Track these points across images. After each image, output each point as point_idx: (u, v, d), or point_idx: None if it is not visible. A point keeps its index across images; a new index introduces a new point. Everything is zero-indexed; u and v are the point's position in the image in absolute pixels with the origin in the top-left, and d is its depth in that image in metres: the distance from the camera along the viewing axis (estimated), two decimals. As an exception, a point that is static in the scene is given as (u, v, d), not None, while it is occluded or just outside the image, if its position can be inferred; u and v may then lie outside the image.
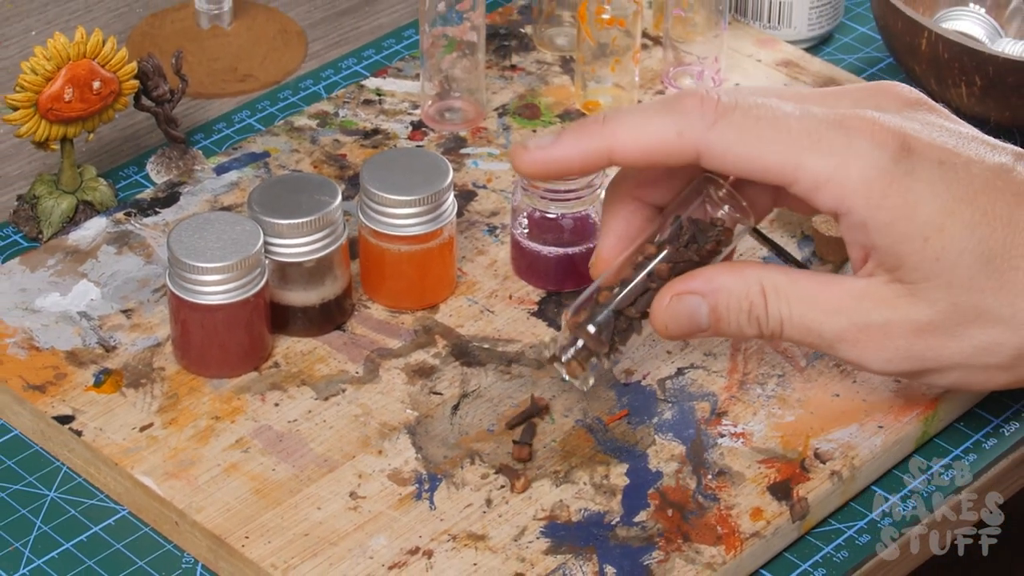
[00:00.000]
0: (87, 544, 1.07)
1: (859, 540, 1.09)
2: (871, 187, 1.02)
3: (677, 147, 1.04)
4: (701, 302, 1.07)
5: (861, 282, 1.05)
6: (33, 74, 1.20)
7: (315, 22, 1.44)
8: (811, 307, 1.06)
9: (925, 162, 1.03)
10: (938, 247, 1.02)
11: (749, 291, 1.06)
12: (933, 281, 1.03)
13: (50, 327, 1.17)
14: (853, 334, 1.05)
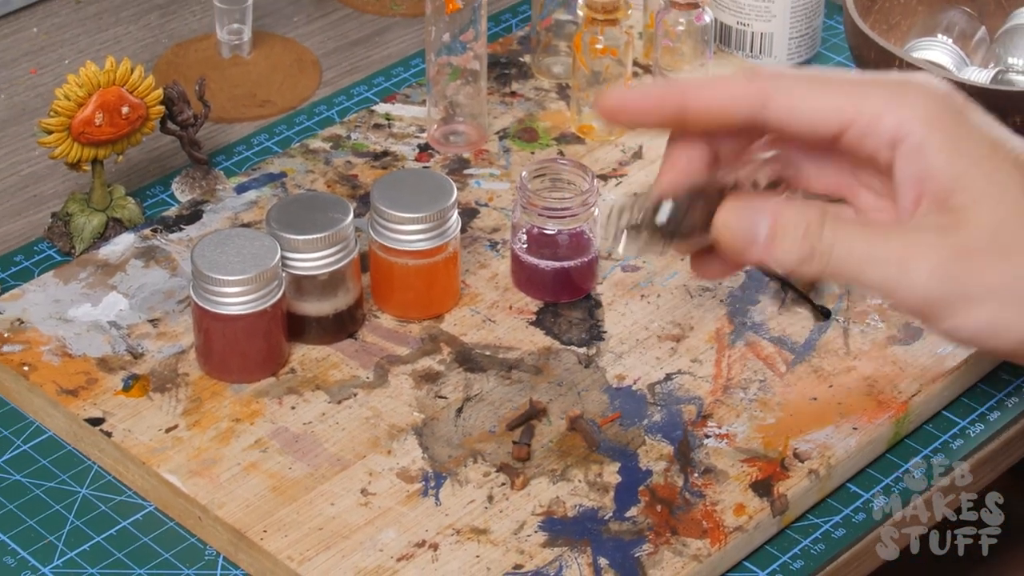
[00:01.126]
0: (116, 537, 1.08)
1: (835, 534, 1.09)
2: (928, 111, 1.00)
3: (744, 95, 1.02)
4: (764, 216, 1.02)
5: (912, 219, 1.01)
6: (66, 100, 1.20)
7: (329, 52, 1.44)
8: (862, 234, 1.01)
9: (974, 112, 1.01)
10: (990, 167, 1.00)
11: (809, 214, 1.01)
12: (983, 202, 0.99)
13: (82, 336, 1.17)
14: (902, 253, 1.00)
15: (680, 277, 1.21)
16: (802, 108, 1.02)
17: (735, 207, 1.03)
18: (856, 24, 1.31)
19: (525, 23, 1.44)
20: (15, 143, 1.35)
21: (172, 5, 1.48)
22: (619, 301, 1.20)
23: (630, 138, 1.31)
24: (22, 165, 1.33)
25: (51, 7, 1.47)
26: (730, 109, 1.03)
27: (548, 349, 1.17)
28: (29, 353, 1.15)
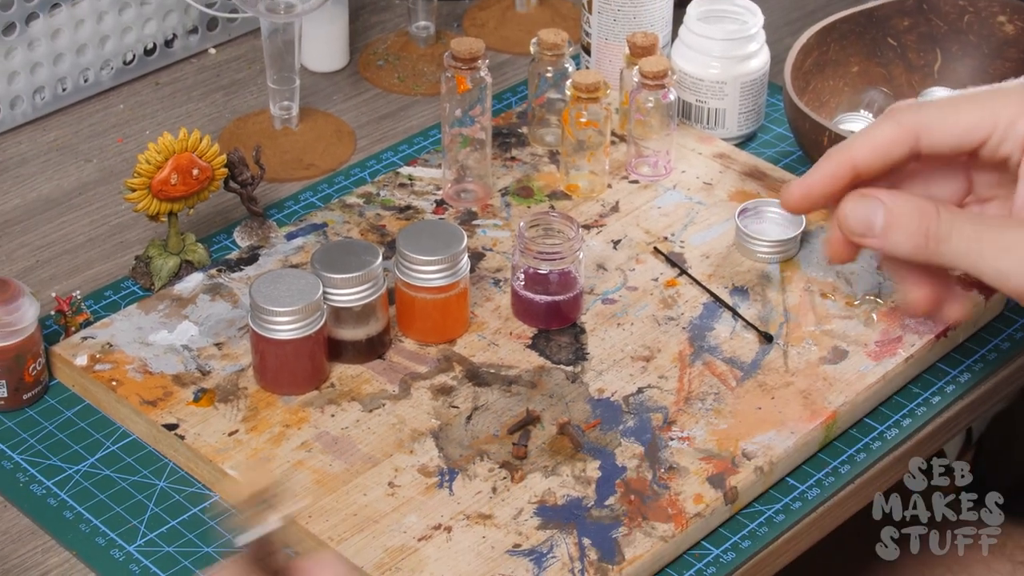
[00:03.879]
0: (188, 522, 1.08)
1: (776, 519, 1.09)
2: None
3: (900, 135, 0.96)
4: (880, 205, 0.96)
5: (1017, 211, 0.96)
6: (147, 164, 1.20)
7: (362, 124, 1.44)
8: (977, 225, 0.95)
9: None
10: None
11: (925, 205, 0.95)
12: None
13: (160, 356, 1.17)
14: (1014, 245, 0.93)
15: (649, 309, 1.21)
16: (950, 132, 0.96)
17: (855, 197, 0.97)
18: (793, 102, 1.31)
19: (523, 101, 1.44)
20: (105, 199, 1.35)
21: (233, 86, 1.48)
22: (600, 328, 1.20)
23: (608, 195, 1.31)
24: (111, 217, 1.33)
25: (134, 87, 1.47)
26: (893, 154, 0.97)
27: (541, 367, 1.17)
28: (117, 371, 1.15)
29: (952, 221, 0.95)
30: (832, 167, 0.98)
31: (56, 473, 1.11)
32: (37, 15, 1.39)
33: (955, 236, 0.94)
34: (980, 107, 0.96)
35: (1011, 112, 0.95)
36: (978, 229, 0.94)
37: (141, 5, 1.45)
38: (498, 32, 1.54)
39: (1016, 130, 0.95)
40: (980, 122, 0.96)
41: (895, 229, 0.95)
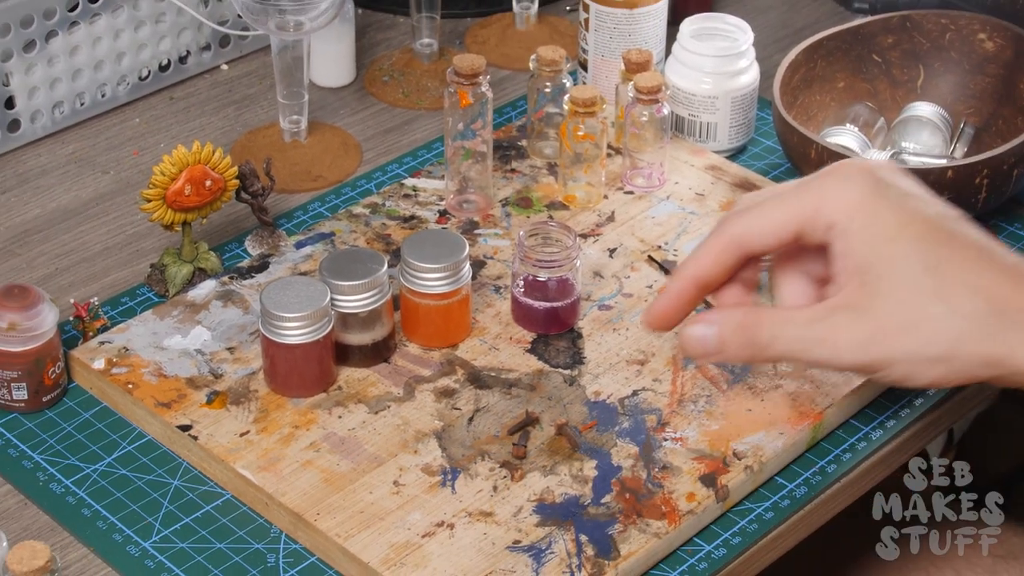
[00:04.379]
0: (201, 519, 1.08)
1: (765, 516, 1.09)
2: (849, 198, 0.99)
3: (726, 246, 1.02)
4: (710, 328, 1.02)
5: (837, 297, 1.00)
6: (162, 175, 1.20)
7: (368, 137, 1.44)
8: (794, 324, 1.00)
9: (891, 190, 0.99)
10: (895, 251, 0.97)
11: (747, 320, 1.01)
12: (889, 280, 0.97)
13: (174, 360, 1.17)
14: (830, 336, 0.98)
15: (644, 314, 1.22)
16: (766, 235, 1.01)
17: (688, 326, 1.03)
18: (782, 116, 1.31)
19: (522, 115, 1.44)
20: (122, 209, 1.35)
21: (245, 101, 1.48)
22: (596, 333, 1.20)
23: (604, 205, 1.31)
24: (127, 227, 1.33)
25: (150, 102, 1.47)
26: (726, 263, 1.03)
27: (540, 371, 1.17)
28: (132, 374, 1.16)
29: (772, 327, 1.00)
30: (678, 288, 1.04)
31: (74, 472, 1.11)
32: (56, 33, 1.39)
33: (778, 342, 1.00)
34: (787, 205, 1.00)
35: (813, 203, 0.99)
36: (795, 333, 0.99)
37: (156, 23, 1.45)
38: (499, 49, 1.54)
39: (819, 219, 0.99)
40: (787, 221, 1.00)
41: (727, 347, 1.01)
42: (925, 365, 0.98)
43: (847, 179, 0.99)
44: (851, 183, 0.99)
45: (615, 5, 1.39)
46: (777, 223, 1.01)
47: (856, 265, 0.98)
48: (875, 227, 0.98)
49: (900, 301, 0.97)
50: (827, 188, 1.00)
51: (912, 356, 0.98)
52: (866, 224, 0.98)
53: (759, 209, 1.02)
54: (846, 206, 0.99)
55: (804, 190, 1.00)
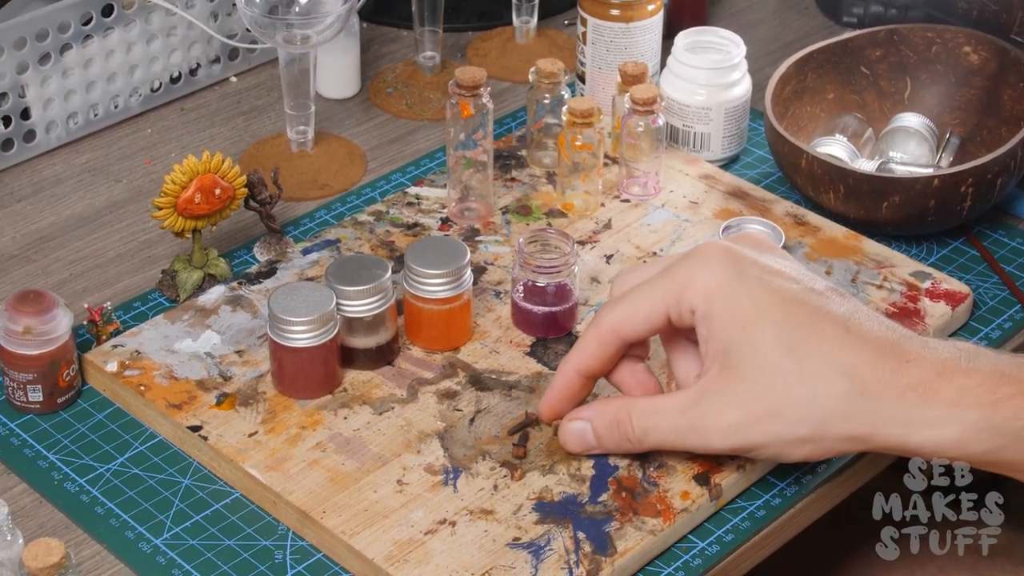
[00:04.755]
0: (211, 516, 1.08)
1: (757, 514, 1.09)
2: (708, 289, 0.99)
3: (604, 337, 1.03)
4: (586, 426, 1.05)
5: (702, 380, 1.00)
6: (173, 184, 1.20)
7: (373, 147, 1.44)
8: (664, 415, 1.02)
9: (751, 270, 0.99)
10: (754, 335, 0.97)
11: (618, 414, 1.03)
12: (751, 364, 0.97)
13: (185, 363, 1.17)
14: (699, 423, 1.00)
15: (640, 319, 1.22)
16: (637, 324, 1.02)
17: (566, 421, 1.06)
18: (774, 126, 1.32)
19: (522, 125, 1.44)
20: (134, 217, 1.35)
21: (253, 112, 1.48)
22: (593, 337, 1.20)
23: (602, 213, 1.32)
24: (139, 233, 1.34)
25: (161, 113, 1.47)
26: (608, 353, 1.04)
27: (539, 373, 1.17)
28: (144, 376, 1.16)
29: (643, 420, 1.02)
30: (564, 382, 1.06)
31: (88, 471, 1.11)
32: (71, 46, 1.39)
33: (652, 434, 1.03)
34: (652, 294, 1.02)
35: (674, 291, 1.01)
36: (666, 419, 1.01)
37: (167, 37, 1.46)
38: (499, 62, 1.54)
39: (682, 305, 1.00)
40: (655, 310, 1.02)
41: (603, 440, 1.05)
42: (794, 446, 0.99)
43: (708, 263, 1.00)
44: (711, 267, 0.99)
45: (612, 19, 1.39)
46: (647, 313, 1.02)
47: (717, 350, 0.99)
48: (734, 311, 0.98)
49: (763, 385, 0.97)
50: (689, 273, 1.00)
51: (780, 439, 0.99)
52: (725, 308, 0.98)
53: (630, 299, 1.03)
54: (705, 291, 0.99)
55: (669, 276, 1.01)
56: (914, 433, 0.96)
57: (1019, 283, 1.28)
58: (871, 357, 0.96)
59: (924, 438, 0.96)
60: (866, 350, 0.96)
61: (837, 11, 1.60)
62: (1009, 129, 1.34)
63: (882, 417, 0.96)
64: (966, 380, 0.95)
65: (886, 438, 0.97)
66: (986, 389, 0.95)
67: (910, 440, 0.96)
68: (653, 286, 1.02)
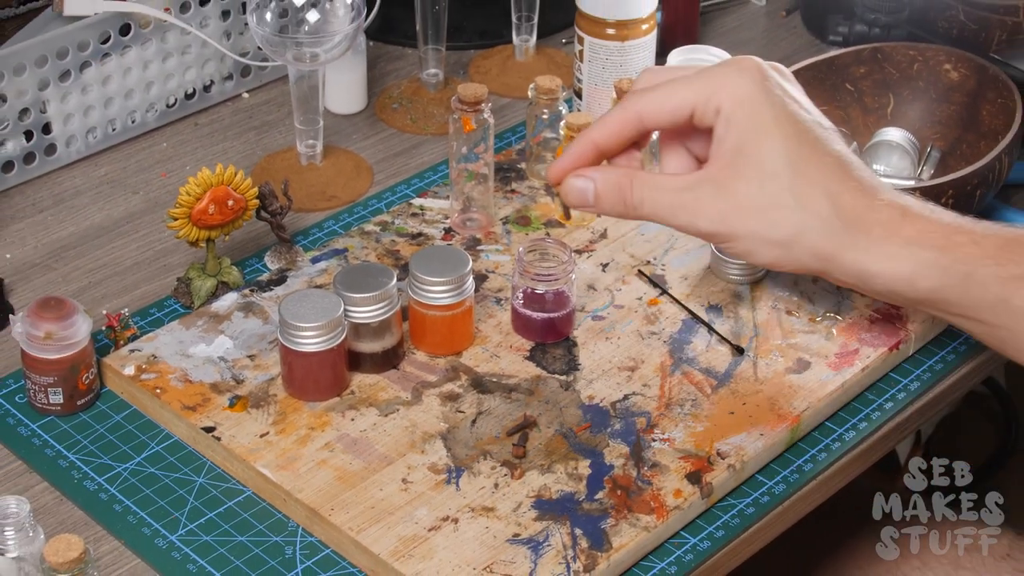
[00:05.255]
0: (224, 513, 1.08)
1: (747, 511, 1.09)
2: (738, 94, 1.02)
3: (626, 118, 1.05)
4: (590, 183, 1.05)
5: (706, 169, 1.03)
6: (188, 195, 1.20)
7: (379, 160, 1.44)
8: (662, 190, 1.04)
9: (776, 89, 1.03)
10: (765, 142, 1.01)
11: (621, 180, 1.04)
12: (754, 167, 1.01)
13: (199, 367, 1.17)
14: (692, 204, 1.03)
15: (634, 324, 1.21)
16: (664, 112, 1.04)
17: (572, 176, 1.06)
18: (762, 140, 1.32)
19: (521, 139, 1.44)
20: (150, 227, 1.35)
21: (264, 127, 1.49)
22: (590, 342, 1.20)
23: (598, 224, 1.32)
24: (155, 243, 1.34)
25: (177, 128, 1.48)
26: (625, 134, 1.06)
27: (538, 377, 1.17)
28: (160, 380, 1.16)
29: (643, 190, 1.04)
30: (579, 149, 1.06)
31: (107, 470, 1.11)
32: (90, 64, 1.39)
33: (647, 202, 1.04)
34: (686, 89, 1.04)
35: (707, 90, 1.03)
36: (662, 197, 1.03)
37: (182, 55, 1.46)
38: (500, 79, 1.54)
39: (709, 104, 1.03)
40: (684, 103, 1.03)
41: (602, 201, 1.05)
42: (766, 246, 1.02)
43: (741, 73, 1.03)
44: (744, 77, 1.03)
45: (608, 38, 1.39)
46: (676, 104, 1.04)
47: (728, 148, 1.02)
48: (754, 119, 1.02)
49: (758, 186, 1.01)
50: (723, 78, 1.03)
51: (756, 235, 1.02)
52: (747, 114, 1.02)
53: (663, 89, 1.05)
54: (734, 96, 1.02)
55: (704, 77, 1.04)
56: (872, 262, 1.01)
57: (997, 290, 1.28)
58: (853, 190, 1.01)
59: (881, 268, 1.01)
60: (850, 183, 1.02)
61: (823, 30, 1.60)
62: (987, 143, 1.34)
63: (849, 242, 1.01)
64: (926, 225, 1.02)
65: (848, 263, 1.02)
66: (942, 235, 1.01)
67: (868, 268, 1.01)
68: (688, 82, 1.04)
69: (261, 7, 1.32)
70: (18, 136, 1.38)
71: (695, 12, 1.57)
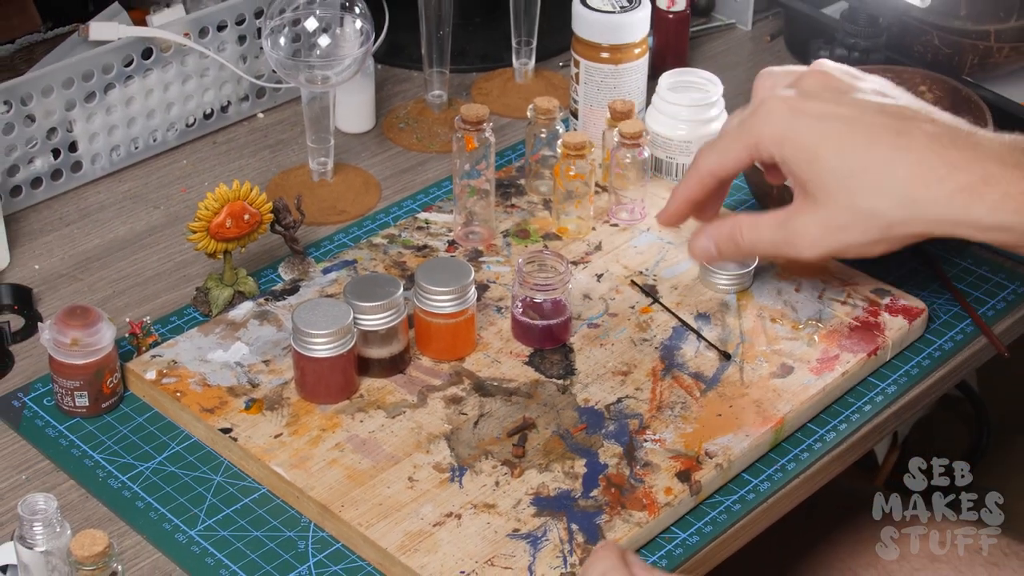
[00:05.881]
0: (240, 510, 1.08)
1: (733, 508, 1.09)
2: (775, 138, 1.06)
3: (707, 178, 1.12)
4: (710, 239, 1.13)
5: (791, 206, 1.08)
6: (206, 210, 1.21)
7: (387, 176, 1.44)
8: (764, 229, 1.10)
9: (806, 114, 1.05)
10: (818, 168, 1.04)
11: (732, 230, 1.11)
12: (821, 192, 1.05)
13: (216, 371, 1.17)
14: (791, 238, 1.08)
15: (627, 332, 1.21)
16: (729, 163, 1.11)
17: (693, 239, 1.15)
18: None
19: (521, 157, 1.44)
20: (171, 239, 1.36)
21: (278, 145, 1.49)
22: (586, 348, 1.20)
23: (593, 236, 1.32)
24: (175, 255, 1.34)
25: (196, 146, 1.48)
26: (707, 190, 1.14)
27: (537, 381, 1.17)
28: (180, 384, 1.16)
29: (751, 232, 1.11)
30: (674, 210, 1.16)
31: (129, 469, 1.11)
32: (114, 85, 1.40)
33: (757, 245, 1.11)
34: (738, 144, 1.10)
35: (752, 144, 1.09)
36: (765, 233, 1.10)
37: (201, 77, 1.46)
38: (501, 99, 1.55)
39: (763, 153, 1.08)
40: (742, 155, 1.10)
41: (722, 252, 1.14)
42: (869, 247, 1.06)
43: (769, 116, 1.07)
44: (772, 120, 1.07)
45: (602, 61, 1.40)
46: (735, 157, 1.10)
47: (797, 183, 1.06)
48: (799, 152, 1.05)
49: (835, 206, 1.05)
50: (758, 128, 1.08)
51: (856, 244, 1.06)
52: (792, 151, 1.06)
53: (720, 145, 1.11)
54: (773, 142, 1.06)
55: (745, 130, 1.09)
56: (963, 231, 1.02)
57: (969, 299, 1.29)
58: (920, 168, 1.02)
59: (973, 231, 1.02)
60: (914, 160, 1.03)
61: (805, 54, 1.60)
62: (960, 160, 1.34)
63: (935, 218, 1.03)
64: (1009, 188, 1.01)
65: (942, 232, 1.04)
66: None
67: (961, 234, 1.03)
68: (736, 136, 1.09)
69: (275, 32, 1.32)
70: (46, 154, 1.38)
71: (685, 37, 1.57)
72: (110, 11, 1.41)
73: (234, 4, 1.45)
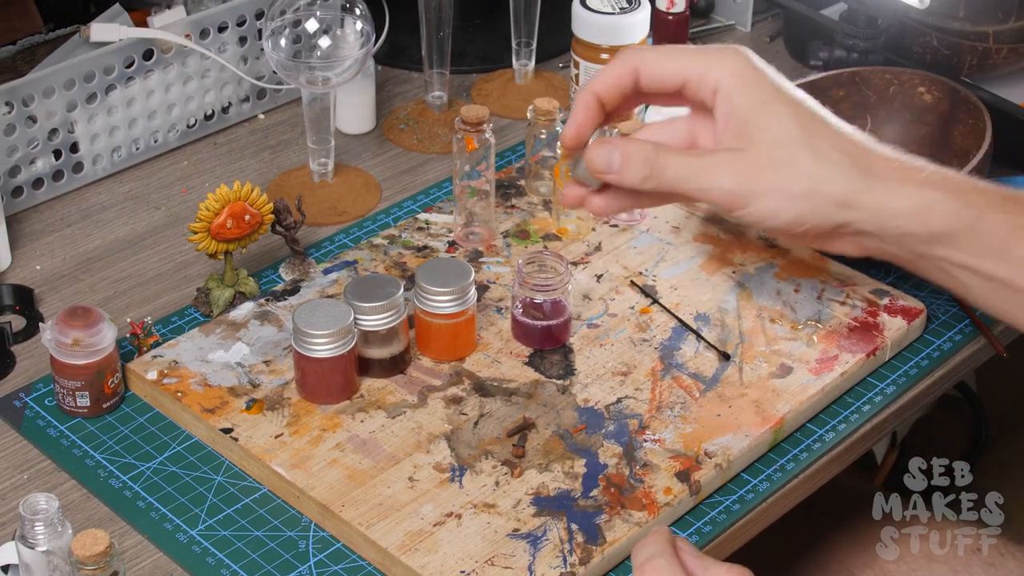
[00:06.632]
0: (241, 510, 1.08)
1: (732, 508, 1.09)
2: (736, 69, 1.03)
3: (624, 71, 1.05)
4: (615, 149, 1.04)
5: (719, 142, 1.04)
6: (207, 211, 1.21)
7: (387, 177, 1.44)
8: (684, 158, 1.03)
9: (766, 68, 1.04)
10: (772, 110, 1.02)
11: (646, 147, 1.04)
12: (765, 131, 1.02)
13: (217, 372, 1.17)
14: (712, 167, 1.02)
15: (627, 332, 1.21)
16: (659, 72, 1.05)
17: (598, 144, 1.05)
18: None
19: (520, 158, 1.44)
20: (172, 240, 1.36)
21: (279, 146, 1.49)
22: (586, 348, 1.20)
23: (592, 237, 1.32)
24: (176, 255, 1.34)
25: (197, 147, 1.48)
26: (622, 85, 1.06)
27: (537, 381, 1.17)
28: (181, 384, 1.16)
29: (667, 157, 1.03)
30: (584, 100, 1.06)
31: (131, 469, 1.11)
32: (115, 86, 1.40)
33: (669, 168, 1.03)
34: (684, 59, 1.05)
35: (704, 66, 1.04)
36: (684, 161, 1.03)
37: (202, 78, 1.46)
38: (501, 101, 1.55)
39: (707, 80, 1.04)
40: (680, 70, 1.04)
41: (626, 166, 1.04)
42: (788, 201, 1.01)
43: (736, 53, 1.05)
44: (739, 57, 1.04)
45: (602, 62, 1.39)
46: (673, 69, 1.05)
47: (738, 121, 1.03)
48: (755, 92, 1.03)
49: (775, 146, 1.02)
50: (720, 56, 1.04)
51: (777, 190, 1.01)
52: (749, 90, 1.03)
53: (662, 51, 1.06)
54: (733, 73, 1.03)
55: (702, 53, 1.05)
56: (890, 200, 1.01)
57: (968, 300, 1.29)
58: (866, 146, 1.03)
59: (899, 205, 1.01)
60: (860, 143, 1.03)
61: (804, 55, 1.61)
62: (959, 161, 1.34)
63: (866, 186, 1.01)
64: (935, 172, 1.03)
65: (866, 203, 1.01)
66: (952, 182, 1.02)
67: (888, 205, 1.01)
68: (684, 54, 1.05)
69: (276, 33, 1.32)
70: (47, 155, 1.38)
71: (684, 38, 1.57)
72: (111, 12, 1.41)
73: (235, 5, 1.45)
